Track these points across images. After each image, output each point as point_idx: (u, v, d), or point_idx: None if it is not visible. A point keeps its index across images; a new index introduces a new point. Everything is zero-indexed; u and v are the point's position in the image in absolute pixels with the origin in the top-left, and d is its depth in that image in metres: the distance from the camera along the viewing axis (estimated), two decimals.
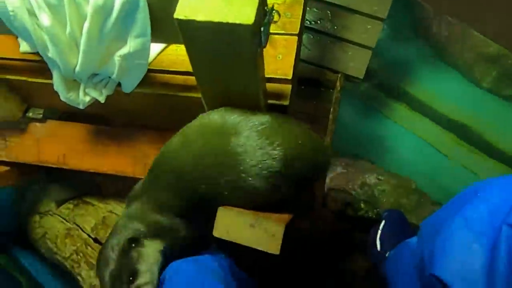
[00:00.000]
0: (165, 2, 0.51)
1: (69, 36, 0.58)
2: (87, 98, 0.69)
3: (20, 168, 0.87)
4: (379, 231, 0.90)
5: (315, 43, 1.29)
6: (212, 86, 0.59)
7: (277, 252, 0.53)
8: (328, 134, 1.12)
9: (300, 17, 0.75)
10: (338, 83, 1.23)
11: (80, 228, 0.88)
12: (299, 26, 0.74)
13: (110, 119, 0.97)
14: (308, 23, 1.29)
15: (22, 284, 0.89)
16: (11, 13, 0.56)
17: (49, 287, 0.96)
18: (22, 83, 0.76)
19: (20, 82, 0.76)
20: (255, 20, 0.46)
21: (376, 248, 0.88)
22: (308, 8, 1.26)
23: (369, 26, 1.28)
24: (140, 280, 0.56)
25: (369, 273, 0.90)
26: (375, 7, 1.29)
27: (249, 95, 0.60)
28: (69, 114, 0.86)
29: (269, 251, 0.54)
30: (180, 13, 0.47)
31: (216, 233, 0.56)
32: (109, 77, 0.68)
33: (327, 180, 1.71)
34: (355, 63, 1.25)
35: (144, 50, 0.61)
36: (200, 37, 0.48)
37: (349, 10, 1.30)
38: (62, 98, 0.69)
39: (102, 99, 0.69)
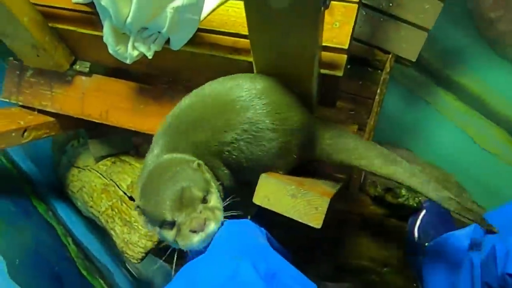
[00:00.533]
0: None
1: None
2: (135, 53, 0.68)
3: (62, 120, 0.88)
4: (419, 221, 0.86)
5: (367, 20, 1.22)
6: (266, 50, 0.56)
7: (319, 226, 0.51)
8: (372, 116, 1.07)
9: None
10: (388, 64, 1.17)
11: (117, 185, 0.89)
12: None
13: (155, 79, 0.96)
14: None
15: (58, 232, 0.92)
16: None
17: (82, 238, 0.98)
18: (72, 34, 0.76)
19: (70, 33, 0.76)
20: None
21: (414, 237, 0.84)
22: None
23: (427, 6, 1.20)
24: (212, 203, 0.53)
25: (402, 262, 0.87)
26: None
27: (303, 61, 0.56)
28: (115, 71, 0.85)
29: (311, 224, 0.51)
30: None
31: (257, 200, 0.54)
32: (159, 32, 0.66)
33: None
34: (409, 44, 1.18)
35: (197, 5, 0.59)
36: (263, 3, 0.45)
37: None
38: (110, 50, 0.69)
39: (150, 55, 0.68)
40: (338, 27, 0.66)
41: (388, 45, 1.18)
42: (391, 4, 1.21)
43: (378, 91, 1.14)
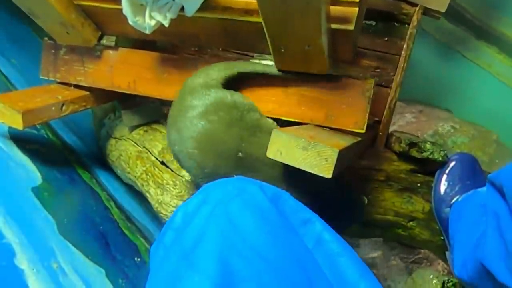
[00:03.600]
0: None
1: None
2: (153, 22, 0.71)
3: (96, 93, 0.95)
4: (445, 174, 0.85)
5: None
6: (272, 9, 0.57)
7: (329, 176, 0.53)
8: (398, 73, 1.05)
9: None
10: (415, 17, 1.12)
11: (149, 151, 0.96)
12: None
13: (179, 49, 1.00)
14: None
15: (101, 197, 1.01)
16: None
17: (123, 202, 1.07)
18: (96, 10, 0.80)
19: (94, 9, 0.80)
20: None
21: (440, 191, 0.84)
22: None
23: None
24: None
25: (428, 216, 0.87)
26: None
27: (310, 16, 0.57)
28: (142, 42, 0.90)
29: (321, 174, 0.54)
30: None
31: (270, 153, 0.57)
32: (173, 0, 0.68)
33: (394, 127, 1.63)
34: None
35: None
36: None
37: None
38: (129, 21, 0.72)
39: (166, 23, 0.71)
40: None
41: None
42: None
43: (405, 46, 1.10)
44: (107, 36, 0.88)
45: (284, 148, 0.55)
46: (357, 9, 0.64)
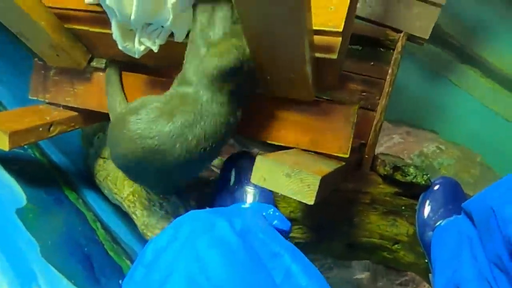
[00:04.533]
0: None
1: None
2: (142, 47, 0.73)
3: (85, 114, 0.95)
4: (428, 198, 0.86)
5: (378, 0, 1.21)
6: (258, 38, 0.59)
7: (311, 203, 0.54)
8: (384, 96, 1.08)
9: None
10: (399, 43, 1.15)
11: None
12: None
13: (169, 72, 1.01)
14: None
15: (87, 218, 1.00)
16: None
17: (109, 222, 1.06)
18: (87, 33, 0.82)
19: (84, 32, 0.81)
20: None
21: (423, 215, 0.85)
22: None
23: None
24: None
25: (412, 239, 0.88)
26: None
27: (294, 46, 0.59)
28: (131, 65, 0.91)
29: (304, 201, 0.55)
30: None
31: (254, 179, 0.58)
32: (162, 26, 0.70)
33: (381, 148, 1.66)
34: (421, 22, 1.16)
35: None
36: None
37: None
38: (119, 47, 0.74)
39: (155, 49, 0.72)
40: (333, 11, 0.67)
41: (399, 23, 1.17)
42: None
43: (390, 71, 1.14)
44: (97, 58, 0.90)
45: (268, 175, 0.56)
46: (340, 38, 0.67)
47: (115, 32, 0.72)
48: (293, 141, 0.76)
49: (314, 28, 0.64)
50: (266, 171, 0.57)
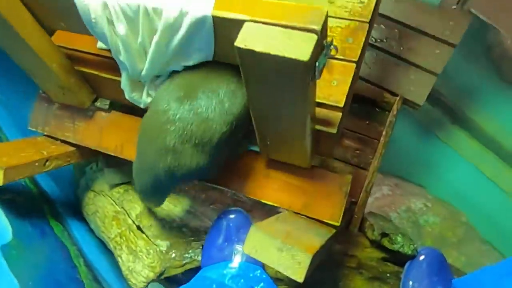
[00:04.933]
0: (230, 29, 0.54)
1: (140, 45, 0.63)
2: (149, 99, 0.75)
3: (82, 150, 0.96)
4: (414, 268, 0.87)
5: (377, 62, 1.26)
6: (262, 107, 0.61)
7: (301, 281, 0.55)
8: (376, 157, 1.10)
9: (362, 44, 0.74)
10: (395, 106, 1.20)
11: (127, 213, 0.96)
12: (359, 54, 0.73)
13: None
14: (373, 40, 1.26)
15: (70, 253, 0.99)
16: (93, 20, 0.62)
17: (93, 259, 1.05)
18: (95, 76, 0.83)
19: (93, 75, 0.83)
20: (310, 57, 0.47)
21: (408, 286, 0.86)
22: (375, 25, 1.23)
23: (437, 51, 1.23)
24: None
25: None
26: (447, 32, 1.23)
27: (296, 120, 0.61)
28: (132, 108, 0.92)
29: (293, 277, 0.55)
30: (241, 41, 0.49)
31: (246, 249, 0.58)
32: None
33: (371, 199, 1.67)
34: (417, 88, 1.21)
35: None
36: (256, 65, 0.51)
37: (419, 31, 1.26)
38: (126, 96, 0.75)
39: None
40: (335, 85, 0.71)
41: (396, 87, 1.22)
42: (402, 48, 1.25)
43: (384, 132, 1.17)
44: (101, 98, 0.91)
45: (260, 246, 0.57)
46: (340, 114, 0.69)
47: (124, 82, 0.74)
48: (287, 203, 0.78)
49: (316, 100, 0.67)
50: (259, 243, 0.58)
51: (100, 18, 0.60)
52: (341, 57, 0.73)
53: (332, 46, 0.53)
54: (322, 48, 0.51)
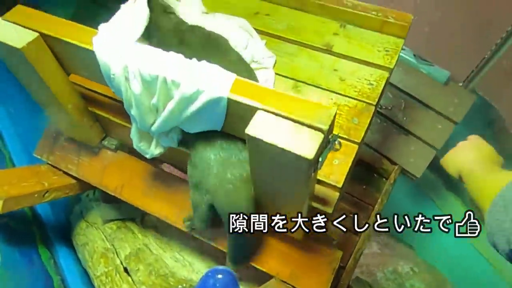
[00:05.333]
0: (242, 110, 0.57)
1: (153, 105, 0.66)
2: (157, 151, 0.77)
3: (82, 183, 0.97)
4: None
5: (380, 129, 1.29)
6: (263, 185, 0.63)
7: None
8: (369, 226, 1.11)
9: (366, 126, 0.77)
10: (392, 175, 1.22)
11: (116, 252, 0.96)
12: (362, 135, 0.76)
13: (175, 166, 1.05)
14: (379, 107, 1.30)
15: (54, 284, 0.98)
16: (112, 75, 0.65)
17: None
18: (107, 119, 0.86)
19: (105, 118, 0.86)
20: (315, 154, 0.50)
21: None
22: None
23: (439, 126, 1.26)
24: None
25: None
26: (451, 108, 1.28)
27: (295, 200, 0.63)
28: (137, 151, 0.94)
29: None
30: (252, 129, 0.52)
31: None
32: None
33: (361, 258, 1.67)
34: (416, 159, 1.23)
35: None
36: (263, 152, 0.53)
37: (424, 104, 1.30)
38: (134, 145, 0.78)
39: (163, 150, 0.76)
40: (337, 164, 0.73)
41: (396, 156, 1.25)
42: (405, 118, 1.29)
43: (379, 200, 1.19)
44: (109, 138, 0.93)
45: None
46: (338, 194, 0.71)
47: (133, 132, 0.76)
48: (275, 269, 0.78)
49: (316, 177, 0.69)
50: None
51: (119, 74, 0.64)
52: (346, 136, 0.76)
53: (336, 142, 0.55)
54: (327, 143, 0.54)
